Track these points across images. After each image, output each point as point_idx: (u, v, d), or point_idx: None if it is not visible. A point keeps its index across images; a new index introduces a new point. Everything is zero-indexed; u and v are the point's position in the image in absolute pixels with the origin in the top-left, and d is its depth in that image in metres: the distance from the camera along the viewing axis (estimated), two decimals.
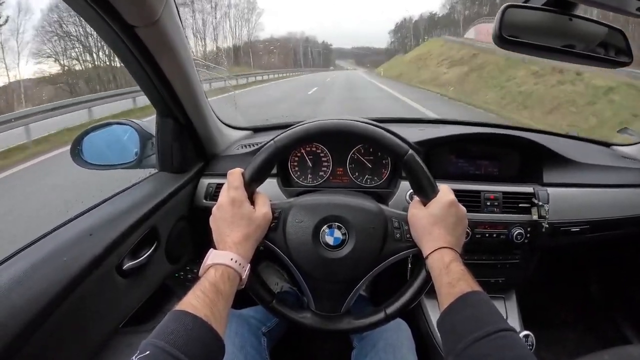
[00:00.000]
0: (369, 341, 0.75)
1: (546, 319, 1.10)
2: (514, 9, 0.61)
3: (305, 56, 71.41)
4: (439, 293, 0.50)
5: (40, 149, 5.04)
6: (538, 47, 0.63)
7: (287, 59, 63.06)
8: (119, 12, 0.53)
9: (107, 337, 0.64)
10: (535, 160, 0.91)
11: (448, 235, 0.53)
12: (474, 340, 0.41)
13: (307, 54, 73.03)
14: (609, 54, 0.67)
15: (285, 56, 63.15)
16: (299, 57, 68.52)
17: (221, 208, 0.54)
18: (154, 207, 0.73)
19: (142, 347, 0.38)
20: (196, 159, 0.90)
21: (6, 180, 4.03)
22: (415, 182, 0.57)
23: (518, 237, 0.84)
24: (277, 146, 0.57)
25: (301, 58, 69.82)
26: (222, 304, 0.45)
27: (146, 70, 0.66)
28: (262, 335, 0.79)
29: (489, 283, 0.93)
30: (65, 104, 6.62)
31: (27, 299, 0.48)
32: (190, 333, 0.40)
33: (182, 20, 0.67)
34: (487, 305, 0.45)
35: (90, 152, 0.85)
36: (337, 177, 0.91)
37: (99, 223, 0.64)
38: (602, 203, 0.89)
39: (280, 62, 57.59)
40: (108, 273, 0.62)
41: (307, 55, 72.64)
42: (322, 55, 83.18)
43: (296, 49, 69.07)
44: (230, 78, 9.30)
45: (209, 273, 0.48)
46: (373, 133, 0.58)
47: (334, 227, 0.58)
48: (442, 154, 0.92)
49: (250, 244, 0.53)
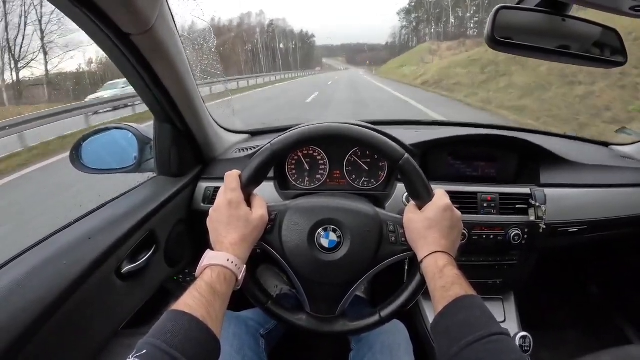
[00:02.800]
0: (366, 343, 0.75)
1: (545, 320, 1.09)
2: (506, 10, 0.61)
3: (268, 52, 43.14)
4: (433, 297, 0.50)
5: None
6: (532, 49, 0.63)
7: (236, 56, 33.42)
8: (113, 20, 0.53)
9: (106, 340, 0.65)
10: (532, 161, 0.91)
11: (443, 240, 0.53)
12: (467, 344, 0.41)
13: (275, 48, 44.45)
14: (604, 54, 0.67)
15: (234, 52, 32.84)
16: (259, 52, 40.49)
17: (218, 209, 0.55)
18: (153, 210, 0.74)
19: (139, 346, 0.38)
20: (194, 163, 0.91)
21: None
22: (411, 187, 0.57)
23: (515, 238, 0.84)
24: (274, 149, 0.58)
25: (261, 55, 39.82)
26: (219, 305, 0.46)
27: (142, 77, 0.67)
28: (260, 337, 0.79)
29: (486, 284, 0.93)
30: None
31: (28, 302, 0.48)
32: (187, 333, 0.40)
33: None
34: (480, 309, 0.45)
35: (89, 157, 0.85)
36: (334, 179, 0.91)
37: (98, 227, 0.64)
38: (600, 203, 0.88)
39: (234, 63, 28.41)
40: (107, 276, 0.63)
41: (274, 51, 44.18)
42: (301, 51, 56.11)
43: (250, 36, 38.75)
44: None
45: (205, 274, 0.48)
46: (368, 137, 0.58)
47: (329, 230, 0.58)
48: (438, 156, 0.92)
49: (246, 246, 0.53)
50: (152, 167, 0.86)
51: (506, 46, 0.62)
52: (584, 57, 0.66)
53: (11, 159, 4.69)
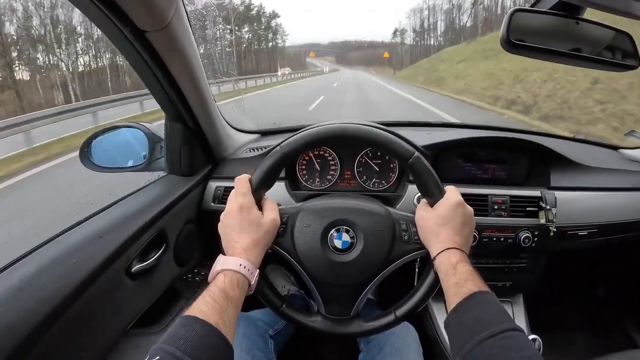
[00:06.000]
0: (376, 344, 0.74)
1: (554, 322, 1.09)
2: (521, 12, 0.61)
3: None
4: (447, 293, 0.50)
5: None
6: (545, 51, 0.63)
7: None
8: (129, 17, 0.53)
9: (115, 339, 0.65)
10: (542, 163, 0.91)
11: (455, 236, 0.53)
12: (481, 340, 0.41)
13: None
14: (616, 57, 0.67)
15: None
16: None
17: (229, 214, 0.54)
18: (163, 209, 0.74)
19: (152, 352, 0.38)
20: (204, 162, 0.91)
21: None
22: (422, 184, 0.57)
23: (525, 241, 0.83)
24: (284, 152, 0.58)
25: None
26: (232, 310, 0.46)
27: (156, 75, 0.67)
28: (269, 337, 0.79)
29: (496, 287, 0.92)
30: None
31: (38, 300, 0.48)
32: (200, 339, 0.40)
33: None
34: (494, 305, 0.45)
35: (99, 155, 0.85)
36: (345, 180, 0.91)
37: (108, 225, 0.64)
38: (610, 206, 0.88)
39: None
40: (117, 275, 0.63)
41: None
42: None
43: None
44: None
45: (218, 279, 0.48)
46: (379, 136, 0.58)
47: (342, 231, 0.58)
48: (449, 158, 0.92)
49: (259, 250, 0.53)
50: (162, 165, 0.86)
51: (520, 48, 0.62)
52: (596, 60, 0.66)
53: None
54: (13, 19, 16.35)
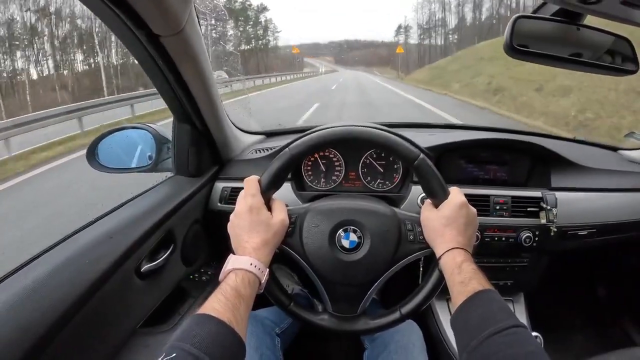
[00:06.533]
0: (380, 342, 0.76)
1: (554, 321, 1.10)
2: (524, 19, 0.63)
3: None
4: (452, 292, 0.51)
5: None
6: (547, 57, 0.65)
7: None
8: (145, 22, 0.54)
9: (125, 338, 0.65)
10: (543, 164, 0.92)
11: (459, 236, 0.55)
12: (486, 337, 0.42)
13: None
14: (616, 62, 0.68)
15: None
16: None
17: (239, 215, 0.56)
18: (171, 210, 0.75)
19: (168, 350, 0.38)
20: (211, 163, 0.92)
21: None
22: (427, 185, 0.59)
23: (527, 241, 0.85)
24: (292, 154, 0.59)
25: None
26: (244, 308, 0.47)
27: (167, 78, 0.68)
28: (276, 335, 0.80)
29: (497, 286, 0.92)
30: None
31: (52, 301, 0.49)
32: (215, 337, 0.41)
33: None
34: (498, 303, 0.47)
35: (106, 156, 0.86)
36: (350, 181, 0.93)
37: (118, 226, 0.65)
38: (610, 207, 0.90)
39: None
40: (127, 275, 0.64)
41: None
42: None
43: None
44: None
45: (229, 278, 0.49)
46: (385, 139, 0.60)
47: (349, 231, 0.60)
48: (452, 159, 0.94)
49: (268, 250, 0.54)
50: (169, 166, 0.87)
51: (523, 54, 0.63)
52: (596, 65, 0.68)
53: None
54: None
